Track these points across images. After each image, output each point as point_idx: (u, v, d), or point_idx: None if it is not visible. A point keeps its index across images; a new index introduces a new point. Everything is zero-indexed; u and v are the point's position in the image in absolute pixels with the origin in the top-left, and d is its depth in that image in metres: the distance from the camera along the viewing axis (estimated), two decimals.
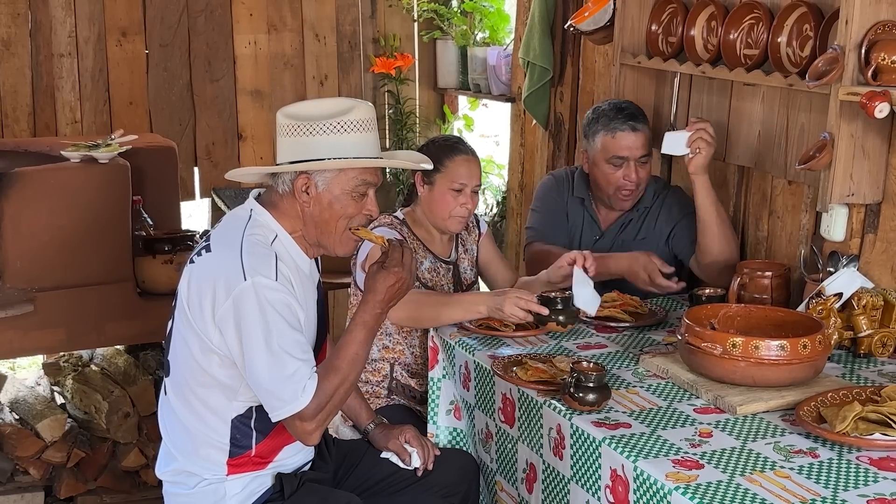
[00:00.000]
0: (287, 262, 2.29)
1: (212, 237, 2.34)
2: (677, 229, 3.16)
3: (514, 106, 4.61)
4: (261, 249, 2.25)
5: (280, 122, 2.32)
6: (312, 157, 2.27)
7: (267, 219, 2.33)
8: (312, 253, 2.41)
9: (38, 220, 3.37)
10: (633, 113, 3.13)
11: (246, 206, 2.37)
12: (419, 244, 3.01)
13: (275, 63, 4.95)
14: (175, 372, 2.37)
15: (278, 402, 2.18)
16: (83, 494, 3.60)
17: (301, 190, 2.30)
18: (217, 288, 2.20)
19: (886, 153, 2.63)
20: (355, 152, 2.28)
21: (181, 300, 2.31)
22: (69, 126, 4.57)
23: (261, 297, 2.17)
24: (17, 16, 4.42)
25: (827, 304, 2.51)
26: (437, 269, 3.03)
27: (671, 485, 1.86)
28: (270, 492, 2.38)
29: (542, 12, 4.05)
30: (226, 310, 2.19)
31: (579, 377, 2.20)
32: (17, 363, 4.78)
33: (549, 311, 2.61)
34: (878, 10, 2.47)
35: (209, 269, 2.26)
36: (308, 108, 2.32)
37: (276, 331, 2.17)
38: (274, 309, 2.18)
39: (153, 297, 3.58)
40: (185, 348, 2.31)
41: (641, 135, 3.11)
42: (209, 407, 2.32)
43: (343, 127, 2.26)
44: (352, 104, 2.31)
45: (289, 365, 2.17)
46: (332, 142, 2.26)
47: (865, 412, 2.03)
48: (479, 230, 3.21)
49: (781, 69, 2.81)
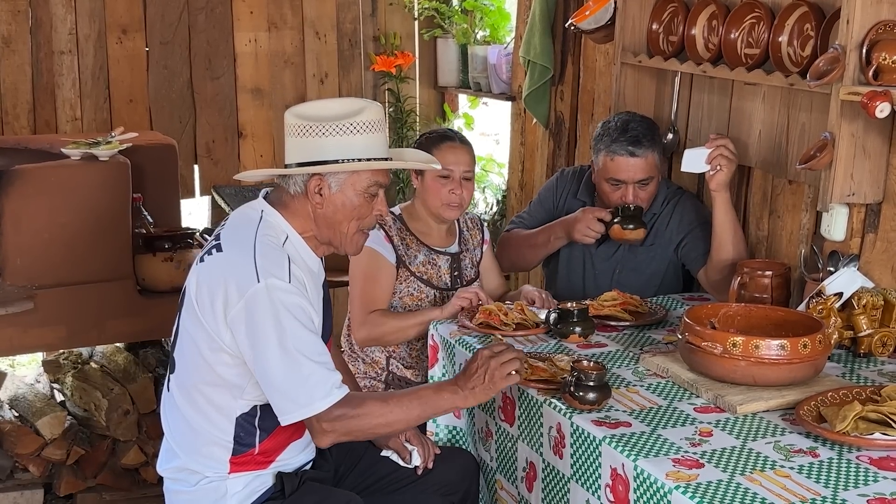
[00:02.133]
0: (298, 264, 2.30)
1: (222, 237, 2.33)
2: (689, 239, 3.13)
3: (515, 104, 4.61)
4: (274, 251, 2.26)
5: (289, 122, 2.32)
6: (323, 158, 2.27)
7: (278, 220, 2.33)
8: (321, 252, 2.42)
9: (38, 217, 3.37)
10: (638, 136, 3.05)
11: (256, 207, 2.37)
12: (413, 238, 3.03)
13: (275, 61, 4.95)
14: (181, 369, 2.37)
15: (291, 405, 2.19)
16: (83, 492, 3.60)
17: (314, 191, 2.31)
18: (229, 288, 2.21)
19: (887, 153, 2.63)
20: (366, 153, 2.29)
21: (189, 298, 2.31)
22: (69, 123, 4.57)
23: (274, 299, 2.18)
24: (17, 13, 4.42)
25: (827, 303, 2.51)
26: (435, 261, 3.05)
27: (671, 484, 1.86)
28: (271, 490, 2.38)
29: (542, 11, 4.05)
30: (238, 311, 2.19)
31: (580, 376, 2.21)
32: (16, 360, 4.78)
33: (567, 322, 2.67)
34: (879, 10, 2.46)
35: (221, 269, 2.26)
36: (318, 109, 2.32)
37: (290, 332, 2.18)
38: (288, 311, 2.18)
39: (153, 294, 3.58)
40: (192, 346, 2.31)
41: (641, 160, 3.04)
42: (214, 405, 2.32)
43: (354, 128, 2.27)
44: (362, 105, 2.32)
45: (304, 367, 2.18)
46: (343, 143, 2.27)
47: (865, 412, 2.03)
48: (483, 235, 3.23)
49: (782, 69, 2.81)
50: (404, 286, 3.02)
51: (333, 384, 2.21)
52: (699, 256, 3.08)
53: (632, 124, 3.08)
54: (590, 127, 4.07)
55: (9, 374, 3.93)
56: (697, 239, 3.09)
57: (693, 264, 3.12)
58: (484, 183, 4.95)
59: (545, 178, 4.33)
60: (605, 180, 3.11)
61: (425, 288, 3.03)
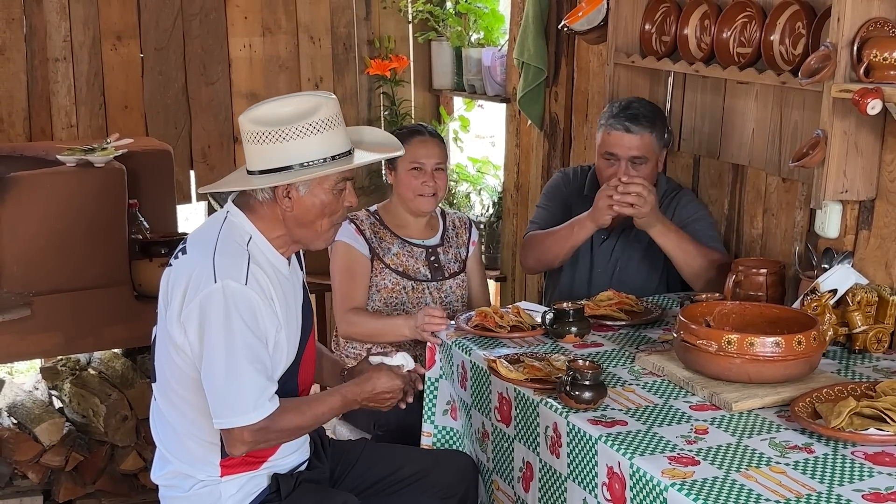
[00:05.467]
0: (262, 265, 2.29)
1: (188, 240, 2.35)
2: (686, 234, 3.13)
3: (510, 106, 4.62)
4: (234, 251, 2.26)
5: (246, 128, 2.28)
6: (285, 163, 2.25)
7: (242, 220, 2.33)
8: (289, 251, 2.41)
9: (34, 224, 3.37)
10: (637, 114, 3.06)
11: (223, 209, 2.38)
12: (386, 231, 3.10)
13: (270, 66, 4.95)
14: (160, 374, 2.39)
15: (227, 411, 2.20)
16: (82, 498, 3.60)
17: (282, 196, 2.30)
18: (188, 287, 2.22)
19: (879, 150, 2.64)
20: (328, 152, 2.27)
21: (160, 304, 2.33)
22: (65, 130, 4.56)
23: (228, 300, 2.18)
24: (11, 20, 4.42)
25: (822, 300, 2.52)
26: (411, 252, 3.10)
27: (667, 481, 1.87)
28: (266, 492, 2.39)
29: (536, 13, 4.06)
30: (191, 309, 2.20)
31: (575, 375, 2.21)
32: (14, 367, 4.79)
33: (563, 323, 2.65)
34: (869, 7, 2.47)
35: (183, 270, 2.27)
36: (273, 111, 2.27)
37: (238, 335, 2.18)
38: (239, 314, 2.19)
39: (150, 300, 3.55)
40: (165, 351, 2.33)
41: (636, 137, 3.04)
42: (194, 406, 2.32)
43: (313, 128, 2.25)
44: (316, 102, 2.27)
45: (245, 372, 2.18)
46: (303, 145, 2.25)
47: (860, 407, 2.03)
48: (471, 236, 3.24)
49: (774, 67, 2.82)
50: (380, 278, 3.10)
51: (267, 396, 2.22)
52: None
53: (634, 104, 3.10)
54: (584, 128, 4.08)
55: (7, 381, 3.93)
56: (694, 234, 3.09)
57: None
58: (480, 185, 4.96)
59: (540, 178, 4.34)
60: (601, 155, 3.12)
61: (401, 280, 3.08)
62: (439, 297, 3.17)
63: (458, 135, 5.15)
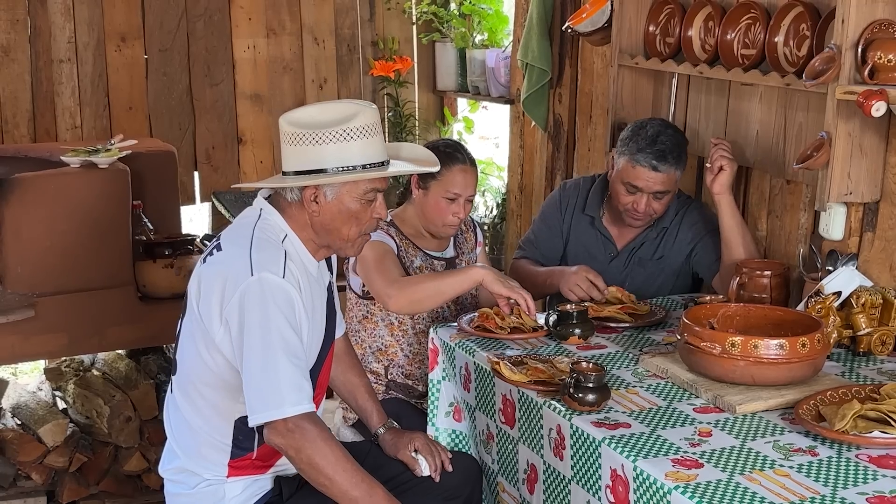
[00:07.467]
0: (296, 262, 2.30)
1: (222, 237, 2.35)
2: (699, 248, 3.11)
3: (514, 108, 4.62)
4: (271, 246, 2.26)
5: (284, 129, 2.29)
6: (319, 166, 2.26)
7: (277, 219, 2.33)
8: (321, 255, 2.42)
9: (38, 225, 3.38)
10: (664, 151, 2.95)
11: (255, 206, 2.37)
12: (408, 242, 3.01)
13: (274, 67, 4.96)
14: (182, 370, 2.38)
15: (261, 405, 2.17)
16: (85, 499, 3.60)
17: (310, 199, 2.30)
18: (226, 284, 2.21)
19: (884, 152, 2.63)
20: (362, 159, 2.27)
21: (191, 300, 2.31)
22: (69, 131, 4.58)
23: (266, 293, 2.18)
24: (16, 22, 4.43)
25: (826, 302, 2.52)
26: (432, 266, 3.03)
27: (671, 484, 1.86)
28: (269, 494, 2.39)
29: (540, 14, 4.06)
30: (232, 305, 2.19)
31: (579, 378, 2.21)
32: (18, 368, 4.79)
33: (566, 324, 2.65)
34: (874, 9, 2.47)
35: (219, 267, 2.26)
36: (312, 115, 2.29)
37: (275, 328, 2.18)
38: (277, 307, 2.18)
39: (154, 301, 3.59)
40: (192, 346, 2.32)
41: (662, 175, 2.96)
42: (213, 406, 2.33)
43: (349, 134, 2.25)
44: (356, 109, 2.28)
45: (281, 365, 2.17)
46: (339, 150, 2.25)
47: (864, 410, 2.03)
48: (477, 238, 3.22)
49: (779, 69, 2.81)
50: None
51: (307, 395, 2.20)
52: (712, 263, 3.06)
53: (662, 137, 2.98)
54: (588, 129, 4.08)
55: (11, 382, 3.93)
56: (708, 246, 3.07)
57: (706, 272, 3.10)
58: (484, 186, 4.96)
59: (544, 180, 4.34)
60: (621, 182, 3.04)
61: None
62: (456, 304, 3.13)
63: (461, 136, 5.15)
